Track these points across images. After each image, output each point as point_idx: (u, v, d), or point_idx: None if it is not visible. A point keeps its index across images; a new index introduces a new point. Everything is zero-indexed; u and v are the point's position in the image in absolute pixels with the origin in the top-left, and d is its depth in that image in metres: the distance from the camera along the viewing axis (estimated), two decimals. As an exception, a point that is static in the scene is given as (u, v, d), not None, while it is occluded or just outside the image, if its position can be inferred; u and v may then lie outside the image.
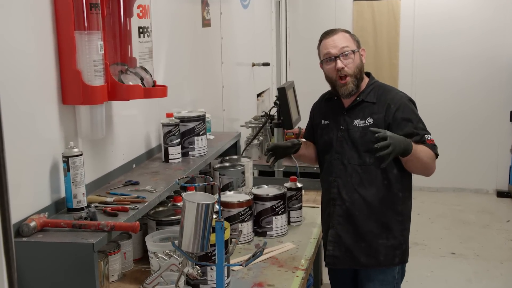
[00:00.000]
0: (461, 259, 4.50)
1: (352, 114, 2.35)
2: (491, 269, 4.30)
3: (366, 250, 2.34)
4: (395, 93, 2.37)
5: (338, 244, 2.37)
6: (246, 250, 2.40)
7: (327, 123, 2.43)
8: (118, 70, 2.02)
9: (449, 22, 6.00)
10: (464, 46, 5.98)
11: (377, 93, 2.35)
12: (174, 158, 2.50)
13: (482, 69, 5.99)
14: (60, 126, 1.86)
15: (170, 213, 2.30)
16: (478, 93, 6.04)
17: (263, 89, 5.25)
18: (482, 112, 6.00)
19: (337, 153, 2.36)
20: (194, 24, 3.27)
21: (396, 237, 2.35)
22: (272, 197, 2.55)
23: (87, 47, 1.81)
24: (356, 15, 6.20)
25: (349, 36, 2.35)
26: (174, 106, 2.78)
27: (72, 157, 1.79)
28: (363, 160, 2.31)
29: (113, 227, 1.67)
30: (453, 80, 6.06)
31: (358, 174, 2.32)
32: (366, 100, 2.34)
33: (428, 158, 2.25)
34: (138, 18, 2.02)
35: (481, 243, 4.79)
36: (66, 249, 1.59)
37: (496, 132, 6.02)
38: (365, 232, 2.33)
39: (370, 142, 2.22)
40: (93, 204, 1.88)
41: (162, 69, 2.71)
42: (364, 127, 2.31)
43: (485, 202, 5.89)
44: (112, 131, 2.23)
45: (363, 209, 2.32)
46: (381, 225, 2.33)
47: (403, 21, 6.10)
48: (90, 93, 1.82)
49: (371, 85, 2.38)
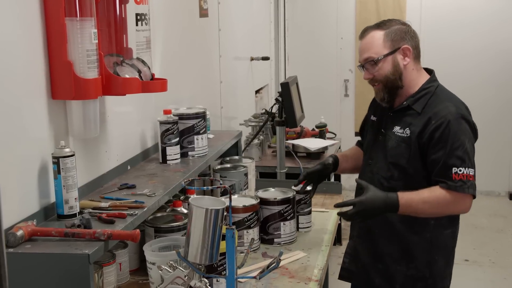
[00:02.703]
0: (475, 266, 4.43)
1: (395, 118, 2.16)
2: (508, 277, 4.23)
3: (382, 273, 2.20)
4: (445, 106, 2.06)
5: (354, 259, 2.26)
6: (252, 259, 2.30)
7: (374, 120, 2.27)
8: (113, 61, 1.93)
9: (458, 14, 5.93)
10: (474, 39, 5.92)
11: (427, 102, 2.10)
12: (172, 159, 2.41)
13: (492, 64, 5.93)
14: (50, 124, 1.77)
15: (170, 219, 2.21)
16: (488, 89, 5.97)
17: (262, 85, 5.17)
18: (492, 109, 5.94)
19: (370, 159, 2.23)
20: (191, 13, 3.18)
21: (418, 269, 2.15)
22: (280, 201, 2.46)
23: (79, 35, 1.73)
24: (359, 7, 6.12)
25: (381, 36, 2.10)
26: (170, 103, 2.70)
27: (63, 157, 1.70)
28: (391, 175, 2.13)
29: (110, 236, 1.58)
30: (462, 75, 5.99)
31: (383, 188, 2.09)
32: (413, 107, 2.12)
33: (434, 208, 2.02)
34: (136, 4, 1.94)
35: (496, 249, 4.73)
36: (58, 261, 1.50)
37: (508, 131, 5.97)
38: (383, 254, 2.19)
39: (401, 156, 2.08)
40: (86, 210, 1.80)
41: (158, 62, 2.61)
42: (400, 137, 2.11)
43: (497, 205, 5.83)
44: (106, 129, 2.14)
45: (384, 229, 2.17)
46: (402, 250, 2.16)
47: (409, 13, 6.02)
48: (82, 86, 1.74)
49: (425, 90, 2.13)
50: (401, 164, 2.09)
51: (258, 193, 2.55)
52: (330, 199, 3.18)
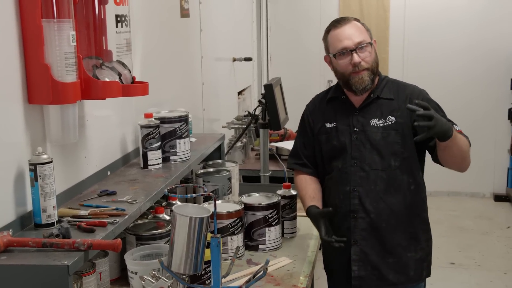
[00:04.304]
0: (461, 269, 4.45)
1: (366, 113, 2.25)
2: (494, 280, 4.26)
3: (395, 266, 2.24)
4: (413, 87, 2.30)
5: (363, 263, 2.24)
6: (237, 266, 2.28)
7: (333, 126, 2.29)
8: (92, 64, 1.90)
9: (443, 13, 5.97)
10: (459, 38, 5.96)
11: (393, 89, 2.27)
12: (154, 164, 2.39)
13: (478, 64, 5.97)
14: (26, 129, 1.74)
15: (152, 227, 2.17)
16: (473, 90, 6.02)
17: (244, 86, 5.16)
18: (478, 110, 5.99)
19: (354, 159, 2.23)
20: (171, 14, 3.15)
21: (423, 248, 2.28)
22: (264, 206, 2.44)
23: (57, 37, 1.69)
24: (342, 6, 6.13)
25: (362, 25, 2.24)
26: (151, 105, 2.67)
27: (41, 164, 1.66)
28: (388, 164, 2.20)
29: (90, 246, 1.55)
30: (447, 76, 6.04)
31: (383, 180, 2.20)
32: (382, 96, 2.25)
33: (466, 147, 2.13)
34: (115, 5, 1.90)
35: (482, 251, 4.76)
36: (36, 273, 1.47)
37: (493, 132, 6.02)
38: (393, 246, 2.23)
39: (395, 143, 2.17)
40: (65, 218, 1.76)
41: (138, 64, 2.58)
42: (385, 126, 2.21)
43: (482, 206, 5.88)
44: (85, 134, 2.11)
45: (390, 220, 2.22)
46: (409, 236, 2.25)
47: (393, 12, 6.06)
48: (60, 90, 1.70)
49: (384, 80, 2.30)
50: (396, 150, 2.17)
51: (242, 199, 2.53)
52: (315, 203, 3.16)
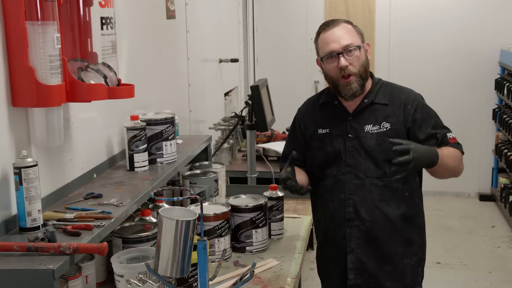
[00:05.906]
0: (447, 269, 4.48)
1: (360, 119, 2.21)
2: (480, 279, 4.30)
3: (392, 273, 2.23)
4: (408, 92, 2.26)
5: (360, 271, 2.23)
6: (224, 268, 2.28)
7: (326, 132, 2.26)
8: (77, 67, 1.89)
9: (428, 15, 6.01)
10: (444, 39, 6.00)
11: (387, 93, 2.23)
12: (140, 166, 2.38)
13: (462, 64, 6.02)
14: (10, 132, 1.72)
15: (138, 229, 2.17)
16: (458, 90, 6.06)
17: (231, 87, 5.15)
18: (463, 110, 6.03)
19: (349, 166, 2.20)
20: (157, 15, 3.14)
21: (417, 254, 2.28)
22: (251, 208, 2.44)
23: (41, 40, 1.68)
24: (328, 8, 6.15)
25: (352, 28, 2.19)
26: (137, 107, 2.65)
27: (26, 168, 1.65)
28: (383, 171, 2.17)
29: (76, 250, 1.54)
30: (432, 76, 6.07)
31: (378, 188, 2.18)
32: (376, 101, 2.21)
33: (455, 162, 2.17)
34: (100, 7, 1.89)
35: (467, 251, 4.79)
36: (21, 278, 1.46)
37: (478, 132, 6.06)
38: (390, 254, 2.22)
39: (389, 150, 2.08)
40: (50, 222, 1.75)
41: (124, 66, 2.57)
42: (379, 133, 2.17)
43: (467, 206, 5.92)
44: (70, 136, 2.09)
45: (386, 228, 2.20)
46: (404, 243, 2.24)
47: (379, 14, 6.09)
48: (45, 93, 1.69)
49: (377, 84, 2.25)
50: (391, 157, 2.11)
51: (229, 200, 2.53)
52: (302, 204, 3.17)
